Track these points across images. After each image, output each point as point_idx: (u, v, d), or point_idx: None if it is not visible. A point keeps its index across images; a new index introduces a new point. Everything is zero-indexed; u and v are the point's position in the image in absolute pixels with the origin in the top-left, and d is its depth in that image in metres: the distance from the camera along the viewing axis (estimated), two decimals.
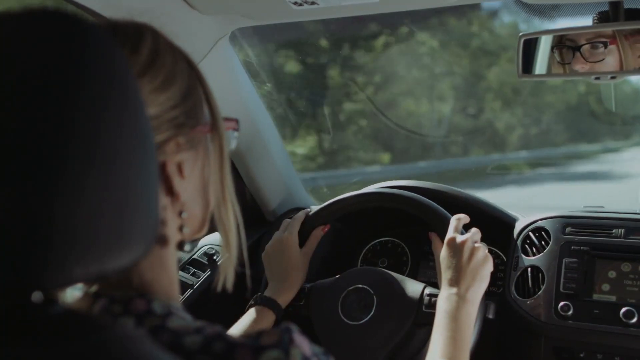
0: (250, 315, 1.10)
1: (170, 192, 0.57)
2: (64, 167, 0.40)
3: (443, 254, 1.03)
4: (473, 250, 1.01)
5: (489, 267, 1.02)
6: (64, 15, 0.44)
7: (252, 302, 1.13)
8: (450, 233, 1.05)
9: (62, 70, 0.42)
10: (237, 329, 1.07)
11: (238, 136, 0.68)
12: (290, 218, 1.25)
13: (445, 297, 0.98)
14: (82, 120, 0.42)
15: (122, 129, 0.44)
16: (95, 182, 0.42)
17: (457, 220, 1.08)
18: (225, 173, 0.62)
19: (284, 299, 1.14)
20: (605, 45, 0.99)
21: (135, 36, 0.57)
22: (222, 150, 0.62)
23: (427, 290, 1.09)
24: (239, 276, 0.65)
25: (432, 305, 1.04)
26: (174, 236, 0.59)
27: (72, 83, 0.42)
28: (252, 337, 0.51)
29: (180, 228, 0.59)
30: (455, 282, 0.99)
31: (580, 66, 1.02)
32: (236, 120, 0.67)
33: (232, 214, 0.62)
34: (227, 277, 0.62)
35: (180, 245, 0.60)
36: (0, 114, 0.40)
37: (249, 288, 1.13)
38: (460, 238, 1.03)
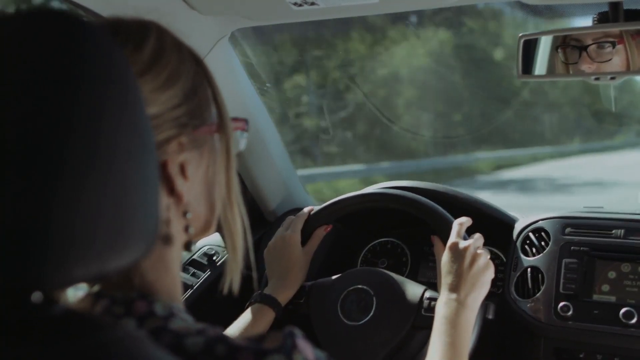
0: (249, 313, 1.09)
1: (173, 192, 0.57)
2: (63, 166, 0.40)
3: (444, 258, 1.03)
4: (475, 257, 1.01)
5: (490, 274, 1.02)
6: (63, 15, 0.44)
7: (252, 300, 1.12)
8: (452, 238, 1.05)
9: (60, 70, 0.42)
10: (237, 327, 1.07)
11: (247, 137, 0.67)
12: (294, 216, 1.25)
13: (444, 302, 0.98)
14: (81, 119, 0.42)
15: (121, 128, 0.44)
16: (93, 181, 0.42)
17: (460, 225, 1.08)
18: (231, 174, 0.61)
19: (284, 297, 1.14)
20: (614, 45, 0.99)
21: (140, 33, 0.56)
22: (229, 151, 0.61)
23: (427, 294, 1.09)
24: (245, 279, 0.64)
25: (432, 309, 1.04)
26: (178, 236, 0.59)
27: (70, 83, 0.42)
28: (255, 340, 0.51)
29: (186, 229, 0.59)
30: (455, 287, 0.98)
31: (587, 66, 1.02)
32: (245, 121, 0.67)
33: (238, 216, 0.62)
34: (233, 279, 0.62)
35: (186, 246, 0.60)
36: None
37: (255, 291, 1.12)
38: (462, 244, 1.03)
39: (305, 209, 1.25)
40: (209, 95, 0.61)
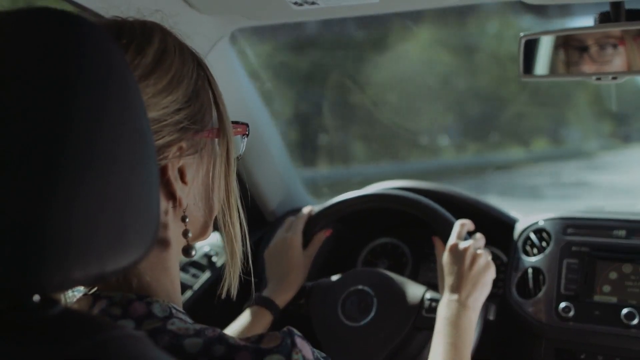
0: (247, 315, 1.09)
1: (172, 196, 0.57)
2: (61, 168, 0.40)
3: (445, 259, 1.03)
4: (475, 257, 1.01)
5: (491, 274, 1.02)
6: (62, 14, 0.44)
7: (250, 302, 1.12)
8: (452, 239, 1.05)
9: (59, 71, 0.41)
10: (233, 329, 1.07)
11: (246, 141, 0.67)
12: (294, 217, 1.24)
13: (445, 304, 0.98)
14: (79, 120, 0.41)
15: (120, 130, 0.44)
16: (92, 183, 0.41)
17: (461, 226, 1.07)
18: (231, 179, 0.61)
19: (282, 300, 1.13)
20: (615, 46, 0.99)
21: (142, 36, 0.56)
22: (229, 155, 0.61)
23: (428, 295, 1.09)
24: (243, 283, 0.64)
25: (433, 310, 1.04)
26: (176, 240, 0.59)
27: (69, 84, 0.41)
28: (253, 340, 0.51)
29: (185, 234, 0.59)
30: (456, 288, 0.98)
31: (587, 67, 1.02)
32: (246, 125, 0.66)
33: (237, 221, 0.61)
34: (231, 284, 0.62)
35: (185, 251, 0.59)
36: None
37: (252, 296, 1.11)
38: (462, 244, 1.03)
39: (305, 210, 1.25)
40: (210, 99, 0.61)
